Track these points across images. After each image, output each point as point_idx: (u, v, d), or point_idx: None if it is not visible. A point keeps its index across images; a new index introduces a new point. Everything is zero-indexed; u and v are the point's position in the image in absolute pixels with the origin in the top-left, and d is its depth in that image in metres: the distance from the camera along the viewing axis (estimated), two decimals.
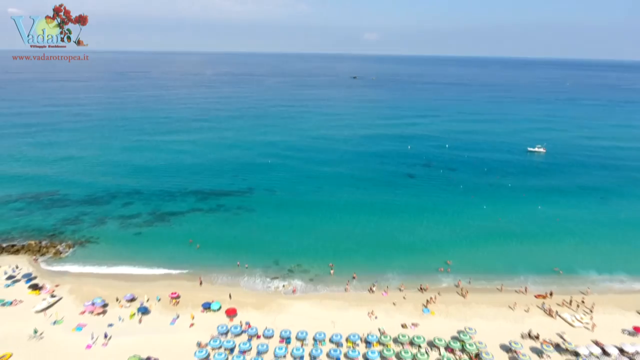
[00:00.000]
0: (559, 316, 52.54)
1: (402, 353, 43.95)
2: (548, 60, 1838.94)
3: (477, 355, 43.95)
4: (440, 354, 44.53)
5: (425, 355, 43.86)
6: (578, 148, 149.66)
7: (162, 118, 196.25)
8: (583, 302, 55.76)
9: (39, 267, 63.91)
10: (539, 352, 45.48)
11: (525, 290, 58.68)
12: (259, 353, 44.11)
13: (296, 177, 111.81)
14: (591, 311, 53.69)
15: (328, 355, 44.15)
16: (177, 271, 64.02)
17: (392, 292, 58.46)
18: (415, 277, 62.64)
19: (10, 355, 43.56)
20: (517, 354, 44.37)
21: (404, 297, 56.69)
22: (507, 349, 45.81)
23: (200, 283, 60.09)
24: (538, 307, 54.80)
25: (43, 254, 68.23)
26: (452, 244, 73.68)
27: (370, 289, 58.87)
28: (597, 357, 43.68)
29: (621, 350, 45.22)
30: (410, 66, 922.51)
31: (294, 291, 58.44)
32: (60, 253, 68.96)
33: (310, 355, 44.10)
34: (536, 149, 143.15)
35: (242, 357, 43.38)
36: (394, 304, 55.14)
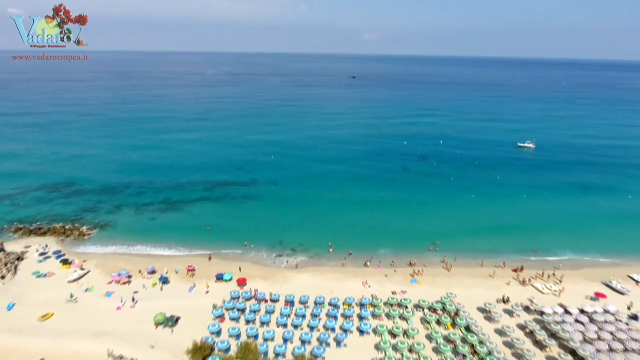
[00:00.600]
0: (532, 285, 59.42)
1: (391, 312, 50.80)
2: (547, 60, 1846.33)
3: (456, 313, 50.73)
4: (424, 314, 51.34)
5: (411, 313, 50.73)
6: (566, 144, 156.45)
7: (168, 117, 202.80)
8: (554, 274, 62.64)
9: (66, 247, 70.68)
10: (510, 312, 52.34)
11: (504, 266, 65.45)
12: (267, 313, 50.92)
13: (297, 170, 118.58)
14: (560, 282, 60.59)
15: (327, 314, 51.00)
16: (191, 251, 70.74)
17: (385, 266, 65.30)
18: (406, 255, 69.29)
19: (53, 315, 50.30)
20: (490, 313, 51.23)
21: (395, 271, 63.57)
22: (482, 310, 52.65)
23: (210, 259, 66.83)
24: (514, 279, 61.65)
25: (68, 236, 75.02)
26: (441, 228, 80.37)
27: (365, 264, 65.71)
28: (560, 316, 50.46)
29: (582, 311, 52.06)
30: (409, 66, 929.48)
31: (297, 266, 65.29)
32: (84, 235, 75.76)
33: (311, 314, 50.90)
34: (526, 145, 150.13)
35: (253, 315, 50.17)
36: (385, 276, 62.04)
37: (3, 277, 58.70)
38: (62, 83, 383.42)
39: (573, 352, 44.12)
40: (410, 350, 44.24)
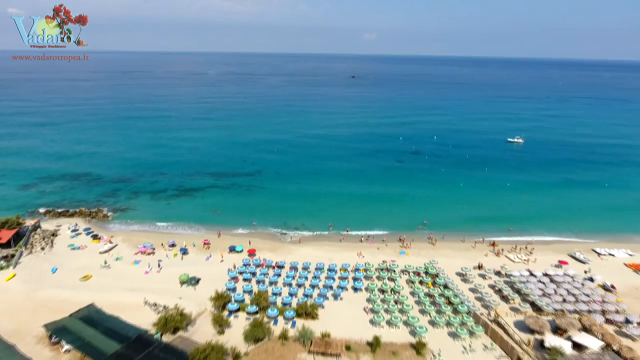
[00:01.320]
0: (505, 256, 67.89)
1: (381, 274, 59.24)
2: (547, 60, 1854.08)
3: (436, 275, 59.16)
4: (409, 276, 59.78)
5: (398, 275, 59.22)
6: (554, 139, 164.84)
7: (174, 115, 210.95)
8: (526, 248, 71.11)
9: (93, 225, 79.14)
10: (482, 275, 60.81)
11: (483, 241, 73.93)
12: (274, 275, 59.33)
13: (299, 162, 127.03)
14: (531, 254, 69.05)
15: (326, 277, 59.41)
16: (204, 229, 79.17)
17: (377, 242, 73.77)
18: (397, 233, 77.77)
19: (91, 276, 58.71)
20: (466, 276, 59.68)
21: (386, 245, 72.07)
22: (459, 273, 61.08)
23: (219, 235, 75.16)
24: (490, 251, 70.11)
25: (93, 217, 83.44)
26: (430, 211, 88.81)
27: (360, 239, 74.21)
28: (525, 277, 58.87)
29: (545, 274, 60.49)
30: (409, 66, 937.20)
31: (299, 241, 73.78)
32: (107, 216, 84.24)
33: (313, 277, 59.31)
34: (515, 140, 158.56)
35: (262, 277, 58.63)
36: (377, 248, 70.55)
37: (43, 249, 67.10)
38: (66, 83, 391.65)
39: (532, 304, 52.46)
40: (396, 302, 52.63)
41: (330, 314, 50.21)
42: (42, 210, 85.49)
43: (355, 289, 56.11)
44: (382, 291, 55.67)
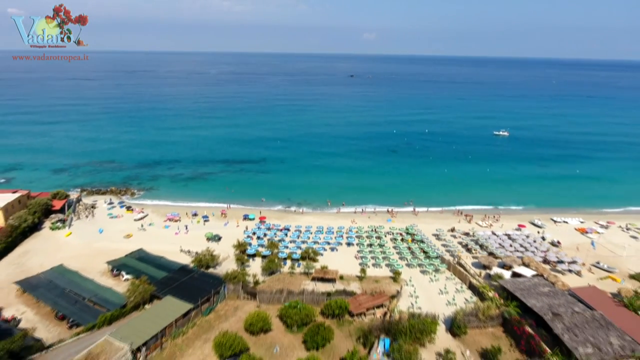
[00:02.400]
0: (475, 223, 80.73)
1: (370, 234, 72.10)
2: (546, 60, 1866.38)
3: (415, 234, 72.03)
4: (393, 236, 72.66)
5: (383, 234, 72.11)
6: (538, 133, 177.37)
7: (181, 112, 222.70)
8: (494, 216, 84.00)
9: (124, 200, 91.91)
10: (454, 235, 73.67)
11: (459, 213, 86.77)
12: (282, 234, 72.17)
13: (300, 152, 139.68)
14: (497, 220, 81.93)
15: (324, 236, 72.23)
16: (220, 204, 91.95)
17: (368, 213, 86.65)
18: (386, 207, 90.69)
19: (132, 235, 71.47)
20: (440, 235, 72.54)
21: (376, 215, 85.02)
22: (435, 234, 73.92)
23: (228, 207, 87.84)
24: (463, 219, 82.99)
25: (123, 194, 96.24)
26: (416, 190, 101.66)
27: (355, 211, 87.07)
28: (488, 236, 71.72)
29: (505, 234, 73.34)
30: (407, 66, 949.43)
31: (302, 212, 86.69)
32: (135, 194, 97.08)
33: (314, 236, 72.11)
34: (500, 133, 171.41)
35: (272, 235, 71.47)
36: (368, 217, 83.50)
37: (87, 217, 79.87)
38: (73, 82, 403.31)
39: (491, 254, 65.26)
40: (381, 251, 65.47)
41: (328, 259, 62.95)
42: (78, 189, 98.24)
43: (349, 244, 68.95)
44: (370, 245, 68.48)
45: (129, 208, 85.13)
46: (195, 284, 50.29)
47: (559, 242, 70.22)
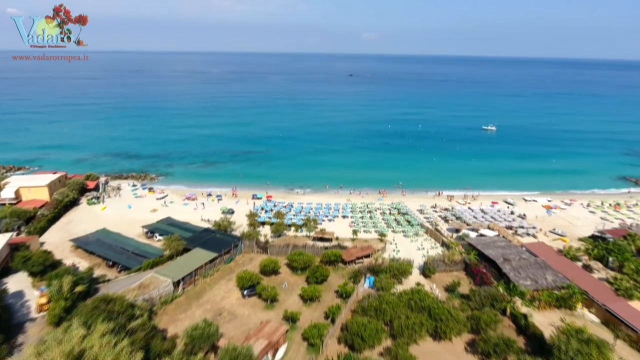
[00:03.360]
0: (456, 201, 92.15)
1: (362, 207, 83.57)
2: (544, 59, 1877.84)
3: (401, 209, 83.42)
4: (382, 210, 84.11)
5: (374, 210, 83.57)
6: (525, 128, 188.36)
7: (187, 109, 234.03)
8: (472, 196, 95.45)
9: (145, 183, 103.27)
10: (435, 210, 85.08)
11: (441, 194, 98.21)
12: (287, 210, 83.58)
13: (301, 144, 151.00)
14: (475, 199, 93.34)
15: (323, 210, 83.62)
16: (230, 187, 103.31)
17: (362, 193, 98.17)
18: (378, 188, 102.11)
19: (157, 210, 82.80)
20: (423, 210, 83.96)
21: (368, 194, 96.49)
22: (419, 209, 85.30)
23: (235, 188, 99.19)
24: (445, 199, 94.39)
25: (143, 179, 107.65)
26: (406, 175, 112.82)
27: (350, 192, 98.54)
28: (464, 210, 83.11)
29: (480, 209, 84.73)
30: (406, 65, 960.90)
31: (304, 193, 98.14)
32: (153, 179, 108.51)
33: (313, 211, 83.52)
34: (488, 127, 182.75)
35: (278, 209, 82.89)
36: (362, 197, 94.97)
37: (115, 196, 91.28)
38: (79, 81, 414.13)
39: (466, 223, 76.61)
40: (371, 221, 76.89)
41: (326, 227, 74.35)
42: (102, 174, 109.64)
43: (344, 217, 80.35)
44: (362, 217, 79.87)
45: (150, 189, 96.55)
46: (217, 240, 61.69)
47: (524, 215, 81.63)
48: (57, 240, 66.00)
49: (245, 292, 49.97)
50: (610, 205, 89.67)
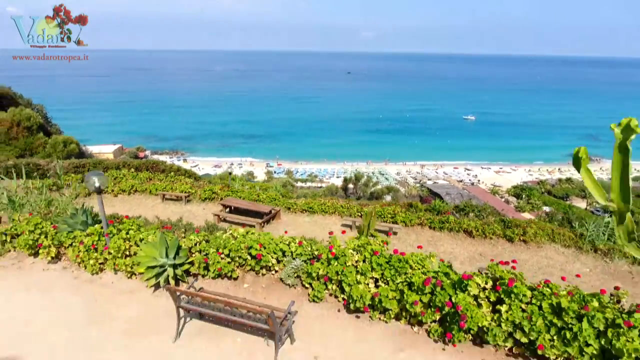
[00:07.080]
0: (426, 168, 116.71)
1: (353, 170, 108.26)
2: (542, 58, 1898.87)
3: (381, 171, 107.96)
4: (368, 172, 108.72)
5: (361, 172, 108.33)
6: (503, 119, 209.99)
7: (198, 103, 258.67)
8: (440, 165, 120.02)
9: (179, 157, 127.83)
10: (408, 173, 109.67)
11: (416, 164, 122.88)
12: (294, 171, 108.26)
13: (304, 130, 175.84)
14: (441, 167, 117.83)
15: (322, 172, 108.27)
16: (248, 159, 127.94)
17: (353, 164, 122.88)
18: (367, 160, 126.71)
19: None
20: (399, 172, 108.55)
21: (358, 164, 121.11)
22: (396, 173, 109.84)
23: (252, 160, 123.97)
24: (418, 167, 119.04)
25: (174, 155, 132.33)
26: (390, 154, 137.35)
27: (344, 163, 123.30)
28: (430, 172, 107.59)
29: (444, 172, 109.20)
30: (404, 63, 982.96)
31: (307, 163, 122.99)
32: (184, 154, 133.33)
33: (314, 172, 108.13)
34: (468, 117, 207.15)
35: (284, 172, 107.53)
36: (352, 165, 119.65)
37: None
38: (91, 78, 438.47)
39: (428, 178, 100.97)
40: None
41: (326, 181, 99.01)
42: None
43: (338, 177, 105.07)
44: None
45: (185, 160, 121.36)
46: None
47: (476, 175, 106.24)
48: None
49: None
50: (547, 170, 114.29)
